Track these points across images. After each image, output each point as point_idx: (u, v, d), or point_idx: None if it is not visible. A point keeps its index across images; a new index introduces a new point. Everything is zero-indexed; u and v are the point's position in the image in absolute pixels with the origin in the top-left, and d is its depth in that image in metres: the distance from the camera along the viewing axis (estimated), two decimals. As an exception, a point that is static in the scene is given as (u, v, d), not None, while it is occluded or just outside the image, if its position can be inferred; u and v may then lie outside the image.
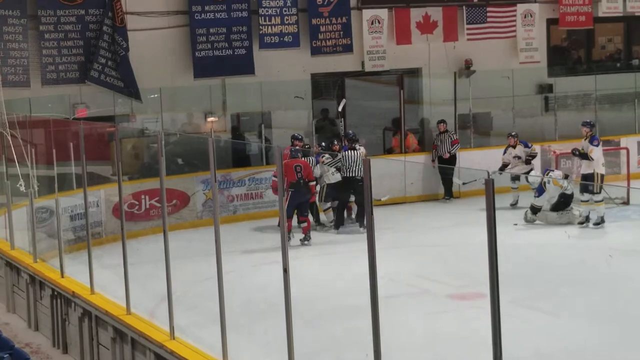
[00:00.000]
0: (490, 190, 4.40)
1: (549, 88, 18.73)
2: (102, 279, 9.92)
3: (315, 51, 16.90)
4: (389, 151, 17.50)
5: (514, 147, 15.75)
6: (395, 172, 16.45)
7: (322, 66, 17.08)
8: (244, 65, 16.25)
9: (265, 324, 8.85)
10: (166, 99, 15.78)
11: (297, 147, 14.04)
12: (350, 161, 14.26)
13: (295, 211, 13.35)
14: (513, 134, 15.86)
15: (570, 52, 20.08)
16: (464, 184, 15.94)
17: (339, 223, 14.30)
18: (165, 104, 15.79)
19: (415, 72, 18.05)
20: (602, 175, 13.86)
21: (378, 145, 17.81)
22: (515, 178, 15.40)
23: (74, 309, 10.00)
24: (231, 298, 7.44)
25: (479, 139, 17.34)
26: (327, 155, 14.49)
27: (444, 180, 16.63)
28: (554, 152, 14.49)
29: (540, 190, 13.95)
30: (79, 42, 15.32)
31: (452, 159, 16.63)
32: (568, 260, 11.67)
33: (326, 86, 17.86)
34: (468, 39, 17.93)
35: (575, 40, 19.94)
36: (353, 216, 14.63)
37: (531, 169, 15.64)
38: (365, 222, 14.13)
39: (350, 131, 15.51)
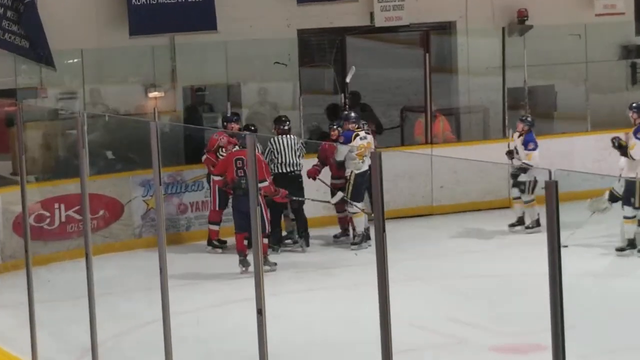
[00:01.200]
0: (552, 195, 4.41)
1: (637, 51, 18.80)
2: (-2, 324, 9.93)
3: (304, -3, 16.96)
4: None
5: (520, 135, 15.23)
6: (416, 171, 16.47)
7: (313, 19, 17.10)
8: (202, 18, 16.25)
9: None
10: (90, 66, 15.79)
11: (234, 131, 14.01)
12: (280, 150, 14.25)
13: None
14: (528, 119, 15.38)
15: (668, -1, 20.17)
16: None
17: (275, 239, 14.20)
18: (88, 73, 15.79)
19: (446, 28, 18.13)
20: None
21: (394, 133, 17.87)
22: (516, 175, 15.05)
23: (-43, 367, 10.00)
24: (183, 350, 7.44)
25: (537, 122, 17.35)
26: (362, 134, 14.45)
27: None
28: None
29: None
30: (-35, -16, 15.35)
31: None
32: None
33: (320, 47, 17.88)
34: (522, -19, 18.01)
35: (674, -18, 20.03)
36: (358, 231, 14.52)
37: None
38: (309, 241, 14.33)
39: (352, 113, 15.50)
